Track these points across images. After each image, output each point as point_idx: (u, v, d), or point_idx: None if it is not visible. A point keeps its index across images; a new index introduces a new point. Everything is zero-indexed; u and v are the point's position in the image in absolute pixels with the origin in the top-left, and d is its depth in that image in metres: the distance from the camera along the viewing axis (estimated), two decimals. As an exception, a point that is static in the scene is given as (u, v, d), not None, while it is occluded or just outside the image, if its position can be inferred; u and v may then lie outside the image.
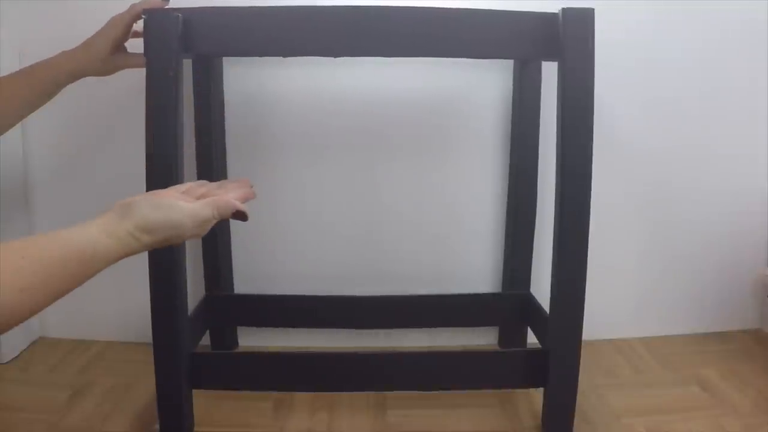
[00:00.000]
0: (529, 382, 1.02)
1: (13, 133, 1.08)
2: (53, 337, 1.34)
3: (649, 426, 1.03)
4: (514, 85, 1.22)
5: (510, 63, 1.23)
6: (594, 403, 1.10)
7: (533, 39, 0.91)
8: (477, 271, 1.32)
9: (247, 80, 1.23)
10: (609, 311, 1.32)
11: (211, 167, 1.19)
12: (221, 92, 1.21)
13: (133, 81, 0.99)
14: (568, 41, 0.88)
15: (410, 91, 1.24)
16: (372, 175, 1.28)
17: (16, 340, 1.27)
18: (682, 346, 1.31)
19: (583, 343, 0.96)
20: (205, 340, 1.26)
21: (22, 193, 1.26)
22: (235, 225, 1.27)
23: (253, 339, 1.32)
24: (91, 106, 1.23)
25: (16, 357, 1.26)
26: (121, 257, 0.67)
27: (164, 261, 0.91)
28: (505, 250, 1.29)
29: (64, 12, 1.18)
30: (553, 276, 0.97)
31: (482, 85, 1.25)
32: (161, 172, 0.89)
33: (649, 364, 1.25)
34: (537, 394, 1.07)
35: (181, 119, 0.91)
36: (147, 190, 0.87)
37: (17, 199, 1.25)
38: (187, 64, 1.15)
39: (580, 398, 1.04)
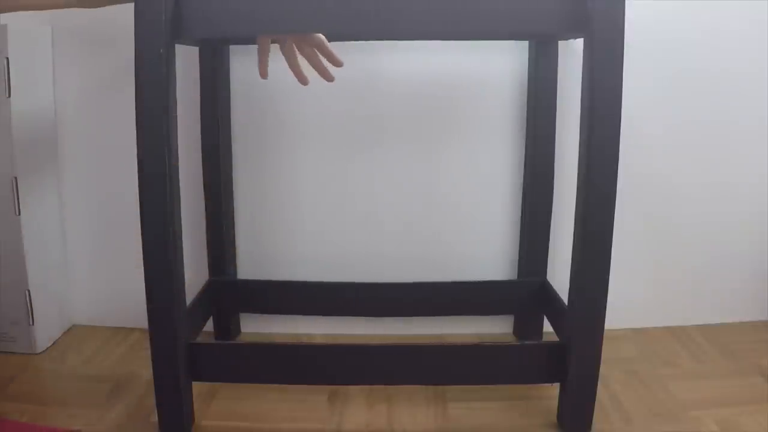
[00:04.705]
0: (546, 377, 0.97)
1: (45, 91, 1.20)
2: (87, 325, 1.30)
3: (717, 419, 0.98)
4: (529, 68, 1.18)
5: (524, 46, 1.18)
6: (660, 395, 1.05)
7: (557, 12, 0.84)
8: (491, 257, 1.27)
9: (251, 68, 1.19)
10: (629, 300, 1.25)
11: (217, 155, 1.18)
12: (227, 82, 1.19)
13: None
14: (597, 14, 0.81)
15: (421, 77, 1.20)
16: (380, 161, 1.24)
17: (49, 328, 1.22)
18: (739, 335, 1.27)
19: (638, 330, 0.89)
20: (209, 326, 1.22)
21: (53, 144, 1.24)
22: (239, 209, 1.25)
23: (256, 326, 1.28)
24: (116, 64, 1.21)
25: (50, 346, 1.21)
26: None
27: (160, 249, 0.87)
28: (520, 236, 1.25)
29: None
30: (573, 263, 0.91)
31: (495, 70, 1.20)
32: (153, 167, 0.85)
33: (709, 354, 1.20)
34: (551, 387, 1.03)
35: (174, 112, 0.86)
36: (139, 179, 0.85)
37: (48, 149, 1.23)
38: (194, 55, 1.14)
39: (643, 389, 1.01)
